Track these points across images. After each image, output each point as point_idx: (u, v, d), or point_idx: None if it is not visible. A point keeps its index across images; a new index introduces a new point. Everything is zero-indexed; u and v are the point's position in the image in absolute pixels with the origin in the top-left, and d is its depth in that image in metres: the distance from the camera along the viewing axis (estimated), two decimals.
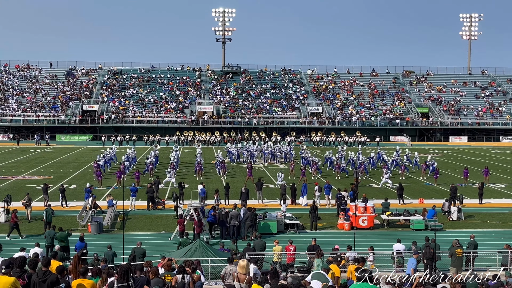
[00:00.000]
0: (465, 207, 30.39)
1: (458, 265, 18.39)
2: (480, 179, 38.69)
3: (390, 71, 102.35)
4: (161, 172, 42.65)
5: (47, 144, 70.00)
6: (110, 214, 27.29)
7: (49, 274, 10.13)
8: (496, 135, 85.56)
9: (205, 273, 16.92)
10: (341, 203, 28.44)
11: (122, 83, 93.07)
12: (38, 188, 36.06)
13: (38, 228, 25.69)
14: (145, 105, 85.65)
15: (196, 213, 23.55)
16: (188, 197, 32.85)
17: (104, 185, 37.27)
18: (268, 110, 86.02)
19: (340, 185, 35.44)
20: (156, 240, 23.99)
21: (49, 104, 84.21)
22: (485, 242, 22.06)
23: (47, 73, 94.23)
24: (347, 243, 20.69)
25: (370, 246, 20.06)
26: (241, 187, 31.07)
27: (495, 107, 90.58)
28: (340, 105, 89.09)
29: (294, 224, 25.94)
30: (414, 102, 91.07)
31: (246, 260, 13.24)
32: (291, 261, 19.42)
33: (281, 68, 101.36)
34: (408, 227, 26.52)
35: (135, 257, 18.19)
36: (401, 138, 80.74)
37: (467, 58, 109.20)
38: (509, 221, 28.48)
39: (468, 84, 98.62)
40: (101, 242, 22.49)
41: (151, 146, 59.99)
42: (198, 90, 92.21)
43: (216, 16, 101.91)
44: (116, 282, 10.28)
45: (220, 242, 21.31)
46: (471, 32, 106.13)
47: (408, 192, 35.68)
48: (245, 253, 18.96)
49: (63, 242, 20.38)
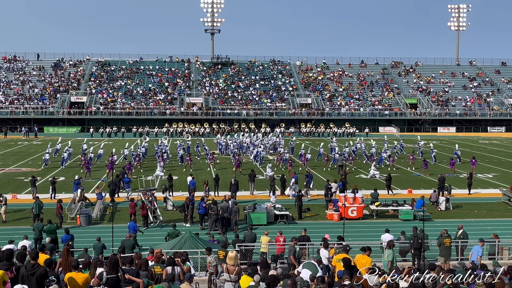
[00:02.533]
0: (453, 197, 30.59)
1: (446, 254, 18.53)
2: (468, 169, 38.98)
3: (379, 62, 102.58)
4: (151, 164, 42.54)
5: (35, 137, 69.54)
6: (99, 206, 27.19)
7: (38, 267, 10.09)
8: (484, 125, 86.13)
9: (194, 264, 16.94)
10: (327, 194, 28.52)
11: (110, 75, 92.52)
12: (26, 180, 35.84)
13: (27, 221, 25.51)
14: (134, 97, 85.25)
15: (146, 197, 25.41)
16: (178, 189, 32.88)
17: (92, 177, 37.09)
18: (257, 101, 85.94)
19: (330, 176, 35.58)
20: (145, 232, 23.93)
21: (37, 96, 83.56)
22: (473, 232, 22.22)
23: (34, 65, 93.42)
24: (337, 233, 20.77)
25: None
26: (230, 179, 31.04)
27: (483, 98, 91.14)
28: (329, 96, 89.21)
29: (284, 215, 26.02)
30: (402, 93, 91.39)
31: (235, 251, 13.25)
32: (281, 252, 19.46)
33: (270, 59, 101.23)
34: (397, 218, 26.68)
35: (124, 249, 18.15)
36: (389, 129, 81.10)
37: (455, 49, 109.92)
38: (496, 211, 28.73)
39: (456, 75, 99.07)
40: (90, 235, 22.42)
41: (140, 138, 59.80)
42: (187, 81, 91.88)
43: (205, 6, 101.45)
44: (105, 273, 10.24)
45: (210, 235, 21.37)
46: (459, 23, 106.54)
47: (397, 182, 35.87)
48: (234, 244, 18.99)
49: (52, 235, 20.28)
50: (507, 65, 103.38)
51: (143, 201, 25.35)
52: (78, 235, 21.23)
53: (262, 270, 12.55)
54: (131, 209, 24.53)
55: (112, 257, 11.23)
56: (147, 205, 25.09)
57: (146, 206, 24.99)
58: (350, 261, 13.02)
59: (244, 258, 18.40)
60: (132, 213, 24.32)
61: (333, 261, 15.38)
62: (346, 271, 12.14)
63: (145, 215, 24.85)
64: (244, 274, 12.05)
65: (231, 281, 12.18)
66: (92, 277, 10.78)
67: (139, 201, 26.05)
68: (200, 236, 20.07)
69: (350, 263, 12.83)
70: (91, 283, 10.43)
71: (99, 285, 10.17)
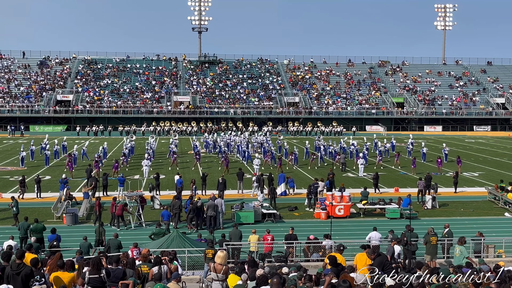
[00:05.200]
0: (440, 196, 30.79)
1: (432, 253, 18.66)
2: (454, 168, 39.23)
3: (366, 61, 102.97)
4: (138, 162, 42.36)
5: (21, 135, 68.92)
6: (86, 205, 27.03)
7: (23, 266, 10.01)
8: (470, 124, 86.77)
9: (182, 263, 16.89)
10: (309, 193, 28.58)
11: (97, 73, 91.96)
12: (12, 179, 35.57)
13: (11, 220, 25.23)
14: (121, 95, 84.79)
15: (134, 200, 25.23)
16: (165, 188, 32.76)
17: (75, 177, 36.64)
18: (245, 100, 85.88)
19: (317, 175, 35.67)
20: (132, 231, 23.83)
21: (23, 94, 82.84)
22: (459, 230, 22.38)
23: (20, 63, 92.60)
24: (324, 232, 20.83)
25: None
26: (218, 177, 31.01)
27: (469, 97, 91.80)
28: (316, 95, 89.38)
29: (271, 213, 26.03)
30: (389, 92, 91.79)
31: (225, 251, 13.23)
32: (269, 251, 19.48)
33: (258, 58, 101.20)
34: (383, 216, 26.80)
35: (109, 249, 18.05)
36: (376, 128, 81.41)
37: (442, 48, 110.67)
38: (482, 209, 28.96)
39: (442, 74, 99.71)
40: (76, 234, 22.28)
41: (127, 136, 59.50)
42: (174, 80, 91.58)
43: (192, 5, 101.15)
44: (88, 273, 10.16)
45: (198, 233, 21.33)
46: (446, 22, 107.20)
47: (384, 181, 36.03)
48: (221, 243, 18.95)
49: (38, 234, 20.12)
50: (493, 64, 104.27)
51: (126, 203, 24.90)
52: (64, 234, 21.08)
53: (250, 269, 12.55)
54: (118, 210, 24.13)
55: (96, 257, 11.15)
56: (126, 208, 24.53)
57: (125, 209, 24.40)
58: (336, 259, 13.00)
59: (232, 256, 18.38)
60: (119, 214, 24.10)
61: (354, 260, 15.31)
62: (333, 268, 12.14)
63: (120, 215, 24.31)
64: (231, 273, 12.03)
65: (218, 280, 12.16)
66: (78, 277, 10.70)
67: (119, 201, 25.59)
68: (187, 235, 20.02)
69: (336, 261, 12.82)
70: (77, 282, 10.36)
71: (83, 284, 10.10)
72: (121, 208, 24.16)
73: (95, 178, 30.75)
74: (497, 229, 24.32)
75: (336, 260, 12.82)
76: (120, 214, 24.25)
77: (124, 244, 18.66)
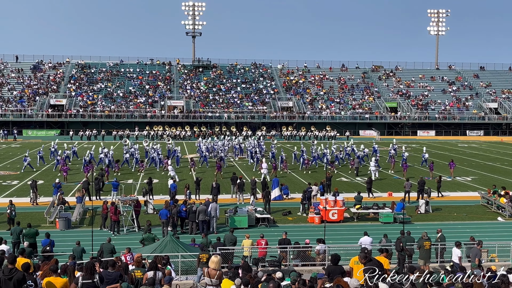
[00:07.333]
0: (433, 200, 30.85)
1: (426, 257, 18.69)
2: (447, 173, 39.31)
3: (359, 66, 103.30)
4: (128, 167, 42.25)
5: (14, 139, 68.63)
6: (79, 210, 26.91)
7: (15, 271, 9.94)
8: (462, 129, 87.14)
9: (175, 268, 16.84)
10: (304, 198, 28.57)
11: (90, 77, 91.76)
12: (4, 184, 35.42)
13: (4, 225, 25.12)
14: (114, 100, 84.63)
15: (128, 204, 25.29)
16: (158, 193, 32.66)
17: (69, 181, 36.54)
18: (238, 104, 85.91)
19: (311, 179, 35.69)
20: (124, 236, 23.74)
21: (16, 98, 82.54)
22: (452, 235, 22.43)
23: (13, 67, 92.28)
24: (317, 236, 20.82)
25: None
26: (211, 182, 30.97)
27: (461, 102, 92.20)
28: (310, 99, 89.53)
29: (265, 218, 25.99)
30: (383, 96, 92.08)
31: (219, 255, 13.19)
32: (263, 255, 19.44)
33: (252, 62, 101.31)
34: (377, 220, 26.82)
35: (102, 253, 17.96)
36: (370, 133, 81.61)
37: (435, 53, 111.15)
38: (475, 214, 29.03)
39: (435, 79, 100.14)
40: (69, 238, 22.17)
41: (121, 141, 59.32)
42: (168, 84, 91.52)
43: (186, 9, 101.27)
44: (81, 278, 10.12)
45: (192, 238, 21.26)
46: (439, 27, 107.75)
47: (377, 185, 36.08)
48: (215, 248, 18.90)
49: (31, 239, 19.99)
50: (485, 69, 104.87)
51: (114, 203, 24.80)
52: (57, 239, 20.96)
53: (243, 273, 12.52)
54: (112, 215, 23.94)
55: (89, 262, 11.11)
56: (119, 210, 24.44)
57: (118, 212, 24.31)
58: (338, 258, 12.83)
59: (225, 261, 18.33)
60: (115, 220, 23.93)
61: (350, 263, 15.27)
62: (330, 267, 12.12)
63: (116, 220, 24.12)
64: (225, 277, 12.01)
65: (212, 285, 12.13)
66: (71, 282, 10.65)
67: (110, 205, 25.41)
68: (180, 239, 19.95)
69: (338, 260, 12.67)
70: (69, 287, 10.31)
71: None
72: (114, 212, 23.98)
73: (87, 182, 30.65)
74: (490, 233, 24.38)
75: (338, 259, 12.60)
76: (116, 219, 24.13)
77: (116, 248, 18.57)
